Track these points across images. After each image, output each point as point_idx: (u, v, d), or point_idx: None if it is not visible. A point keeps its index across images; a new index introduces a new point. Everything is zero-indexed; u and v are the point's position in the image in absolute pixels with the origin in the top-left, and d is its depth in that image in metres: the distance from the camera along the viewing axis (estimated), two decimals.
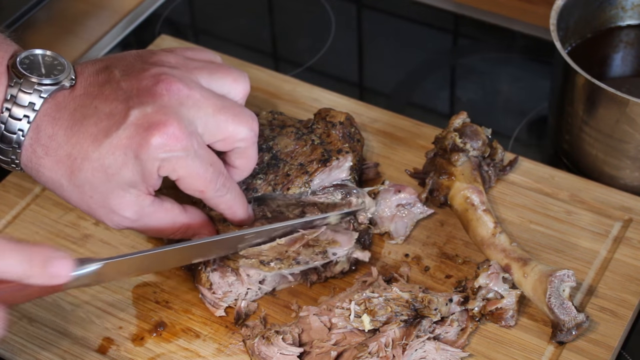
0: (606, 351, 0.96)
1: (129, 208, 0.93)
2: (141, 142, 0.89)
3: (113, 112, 0.91)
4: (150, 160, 0.90)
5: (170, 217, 0.97)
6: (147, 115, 0.90)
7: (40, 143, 0.91)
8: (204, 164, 0.93)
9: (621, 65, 1.23)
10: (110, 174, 0.90)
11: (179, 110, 0.91)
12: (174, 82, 0.92)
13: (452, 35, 1.42)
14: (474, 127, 1.08)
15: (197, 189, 0.95)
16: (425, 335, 0.95)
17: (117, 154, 0.90)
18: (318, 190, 1.05)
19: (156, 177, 0.92)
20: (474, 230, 1.03)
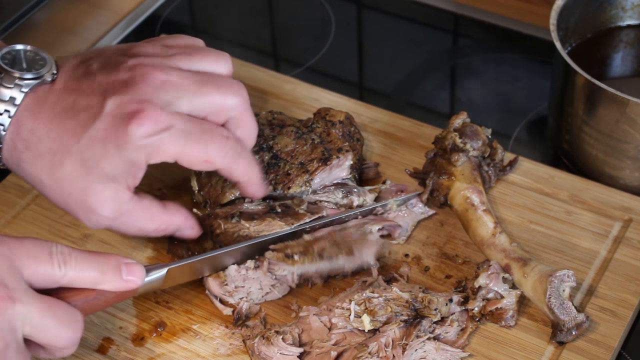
0: (606, 351, 0.96)
1: (107, 205, 0.92)
2: (120, 132, 0.89)
3: (90, 105, 0.90)
4: (135, 150, 0.89)
5: (150, 215, 0.96)
6: (123, 105, 0.89)
7: (21, 137, 0.91)
8: (195, 135, 0.91)
9: (621, 65, 1.23)
10: (90, 167, 0.90)
11: (155, 95, 0.90)
12: (149, 70, 0.91)
13: (452, 35, 1.42)
14: (474, 127, 1.08)
15: (201, 161, 0.93)
16: (425, 336, 0.95)
17: (96, 147, 0.89)
18: (319, 189, 1.05)
19: (144, 166, 0.91)
20: (474, 231, 1.03)
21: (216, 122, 0.94)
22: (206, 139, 0.92)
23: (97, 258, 0.87)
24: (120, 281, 0.87)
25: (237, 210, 1.01)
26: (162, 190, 1.13)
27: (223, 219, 1.00)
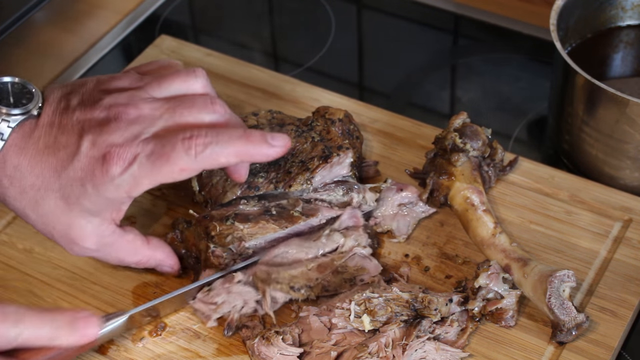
0: (606, 351, 0.96)
1: (90, 238, 0.94)
2: (95, 173, 0.90)
3: (68, 143, 0.92)
4: (112, 189, 0.91)
5: (132, 249, 0.97)
6: (97, 146, 0.91)
7: (6, 174, 0.92)
8: (157, 153, 0.90)
9: (621, 65, 1.23)
10: (71, 203, 0.92)
11: (128, 130, 0.91)
12: (122, 109, 0.92)
13: (452, 35, 1.42)
14: (474, 127, 1.08)
15: (177, 172, 0.91)
16: (425, 336, 0.95)
17: (74, 185, 0.91)
18: (319, 186, 1.05)
19: (128, 200, 0.93)
20: (474, 231, 1.03)
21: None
22: (168, 151, 0.90)
23: (51, 315, 0.86)
24: (76, 336, 0.87)
25: (232, 212, 1.01)
26: (162, 191, 1.13)
27: (218, 221, 1.01)
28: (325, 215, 1.03)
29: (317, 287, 0.99)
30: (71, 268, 1.05)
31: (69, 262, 1.05)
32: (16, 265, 1.05)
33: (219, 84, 1.23)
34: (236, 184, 1.03)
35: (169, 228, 1.08)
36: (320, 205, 1.04)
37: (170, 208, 1.11)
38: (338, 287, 0.99)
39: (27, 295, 1.03)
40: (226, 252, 0.99)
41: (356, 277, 1.00)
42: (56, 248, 1.07)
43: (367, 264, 1.01)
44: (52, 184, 0.92)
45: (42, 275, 1.04)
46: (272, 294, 0.98)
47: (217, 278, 0.98)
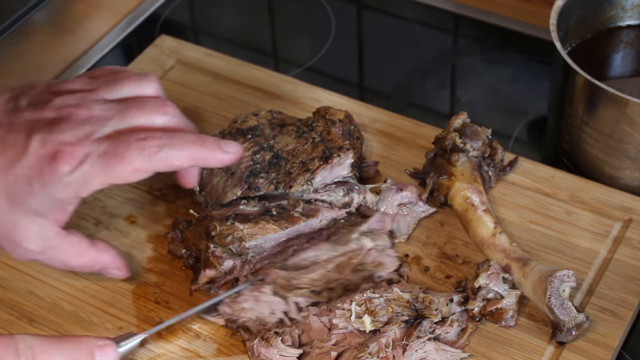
0: (606, 351, 0.96)
1: (33, 240, 0.92)
2: (44, 171, 0.89)
3: (17, 142, 0.90)
4: (61, 188, 0.89)
5: (77, 251, 0.95)
6: (46, 145, 0.89)
7: None
8: (110, 153, 0.89)
9: (621, 65, 1.23)
10: (16, 203, 0.90)
11: (79, 130, 0.90)
12: (73, 109, 0.91)
13: (452, 35, 1.42)
14: (474, 127, 1.08)
15: (131, 172, 0.89)
16: (425, 336, 0.95)
17: (20, 184, 0.89)
18: (320, 187, 1.05)
19: (75, 201, 0.91)
20: (474, 231, 1.03)
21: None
22: (122, 151, 0.89)
23: (68, 345, 0.85)
24: None
25: (233, 212, 1.01)
26: (162, 190, 1.13)
27: (218, 221, 1.00)
28: (325, 216, 1.03)
29: (339, 288, 0.98)
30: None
31: None
32: (16, 265, 1.05)
33: (219, 84, 1.23)
34: (237, 184, 1.03)
35: (169, 228, 1.08)
36: (321, 205, 1.04)
37: (170, 208, 1.11)
38: (358, 285, 0.99)
39: (27, 295, 1.03)
40: (226, 253, 0.99)
41: (374, 274, 1.00)
42: None
43: (385, 259, 1.01)
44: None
45: (42, 275, 1.04)
46: (295, 300, 0.97)
47: (226, 296, 0.98)
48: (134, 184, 1.13)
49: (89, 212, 1.10)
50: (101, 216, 1.10)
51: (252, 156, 1.05)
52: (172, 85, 1.24)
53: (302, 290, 0.97)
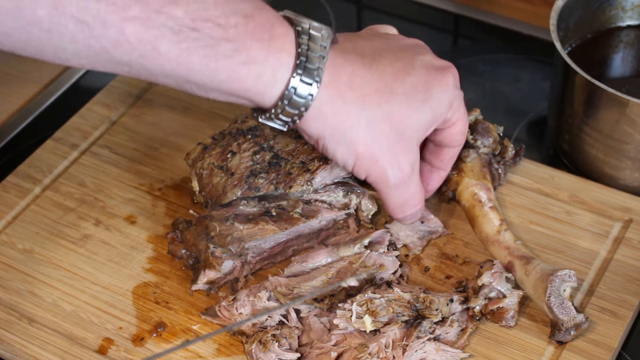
0: (606, 351, 0.96)
1: (410, 155, 0.94)
2: (440, 78, 0.94)
3: (401, 58, 0.94)
4: (448, 98, 0.94)
5: (420, 190, 0.99)
6: (432, 60, 0.96)
7: (341, 79, 0.90)
8: (464, 107, 0.99)
9: (621, 65, 1.23)
10: (412, 109, 0.92)
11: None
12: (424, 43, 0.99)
13: (452, 35, 1.42)
14: (486, 124, 1.08)
15: (464, 130, 1.00)
16: (425, 336, 0.95)
17: (420, 89, 0.93)
18: (320, 188, 1.05)
19: (443, 117, 0.96)
20: (479, 227, 1.03)
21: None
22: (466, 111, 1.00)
23: None
24: None
25: (232, 212, 1.01)
26: (162, 190, 1.13)
27: (218, 222, 1.00)
28: (325, 217, 1.03)
29: (341, 293, 0.98)
30: (71, 268, 1.05)
31: (69, 262, 1.05)
32: (16, 265, 1.05)
33: None
34: (237, 184, 1.03)
35: (169, 228, 1.08)
36: (321, 206, 1.04)
37: (170, 208, 1.11)
38: (360, 288, 0.99)
39: (27, 295, 1.03)
40: (226, 253, 0.99)
41: (376, 277, 1.00)
42: (56, 248, 1.07)
43: (385, 261, 1.01)
44: (397, 89, 0.92)
45: (42, 276, 1.04)
46: (296, 307, 0.97)
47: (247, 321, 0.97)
48: (134, 184, 1.13)
49: (89, 212, 1.10)
50: (101, 216, 1.10)
51: (252, 156, 1.05)
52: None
53: (304, 298, 0.97)
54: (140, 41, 0.81)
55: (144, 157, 1.17)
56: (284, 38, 0.88)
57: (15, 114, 1.27)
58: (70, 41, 0.80)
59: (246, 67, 0.86)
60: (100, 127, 1.20)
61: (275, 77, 0.87)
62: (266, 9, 0.88)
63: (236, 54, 0.85)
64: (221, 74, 0.85)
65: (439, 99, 0.94)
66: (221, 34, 0.83)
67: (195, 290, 1.01)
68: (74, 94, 1.31)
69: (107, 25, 0.79)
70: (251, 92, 0.88)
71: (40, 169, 1.15)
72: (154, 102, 1.23)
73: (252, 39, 0.85)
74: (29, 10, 0.78)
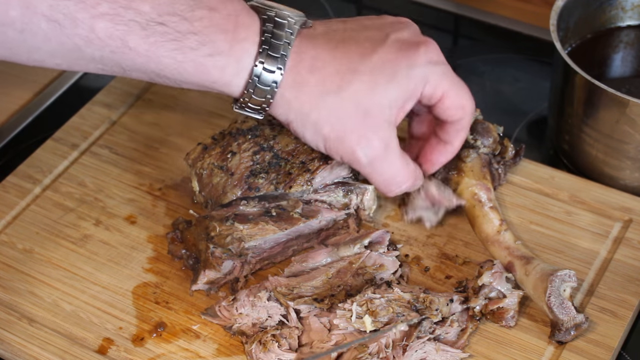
0: (606, 352, 0.96)
1: (381, 132, 0.93)
2: (410, 53, 0.92)
3: (371, 37, 0.93)
4: (420, 73, 0.92)
5: (405, 169, 0.97)
6: (406, 37, 0.94)
7: (304, 65, 0.91)
8: (456, 79, 0.97)
9: (621, 65, 1.23)
10: (378, 87, 0.92)
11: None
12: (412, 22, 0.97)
13: (452, 35, 1.42)
14: (486, 125, 1.08)
15: (460, 105, 0.96)
16: (425, 336, 0.95)
17: (386, 66, 0.92)
18: (320, 188, 1.05)
19: (415, 98, 0.94)
20: (479, 227, 1.03)
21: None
22: (462, 85, 0.97)
23: None
24: None
25: (232, 212, 1.01)
26: (162, 190, 1.13)
27: (218, 222, 1.00)
28: (325, 217, 1.03)
29: (341, 294, 0.98)
30: (71, 268, 1.05)
31: (69, 262, 1.05)
32: (16, 265, 1.05)
33: None
34: (236, 184, 1.03)
35: (169, 228, 1.08)
36: (321, 206, 1.04)
37: (170, 208, 1.11)
38: (360, 289, 0.99)
39: (27, 295, 1.03)
40: (226, 253, 0.99)
41: (376, 276, 1.00)
42: (56, 248, 1.07)
43: (385, 261, 1.01)
44: (360, 67, 0.91)
45: (42, 276, 1.04)
46: (296, 307, 0.97)
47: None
48: (134, 184, 1.13)
49: (89, 212, 1.10)
50: (101, 216, 1.10)
51: (252, 156, 1.05)
52: None
53: (304, 298, 0.97)
54: (110, 37, 0.82)
55: (144, 157, 1.17)
56: (249, 27, 0.88)
57: (15, 114, 1.27)
58: (43, 40, 0.81)
59: (211, 58, 0.87)
60: (100, 127, 1.20)
61: (239, 67, 0.88)
62: (232, 1, 0.88)
63: (201, 47, 0.86)
64: (188, 67, 0.86)
65: (407, 75, 0.93)
66: (187, 27, 0.85)
67: (195, 290, 1.01)
68: (74, 94, 1.31)
69: (78, 23, 0.81)
70: (219, 83, 0.89)
71: (40, 169, 1.15)
72: (154, 102, 1.23)
73: (216, 31, 0.86)
74: (1, 11, 0.79)
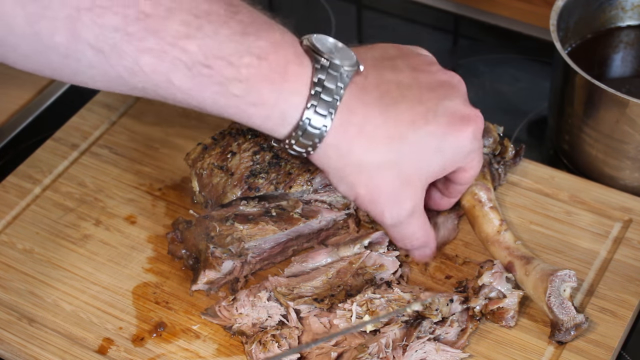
0: (606, 352, 0.96)
1: (414, 198, 0.93)
2: (459, 129, 0.91)
3: (423, 100, 0.90)
4: (465, 151, 0.92)
5: (423, 228, 0.97)
6: (458, 107, 0.92)
7: (352, 123, 0.88)
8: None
9: (621, 65, 1.23)
10: (423, 159, 0.91)
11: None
12: (458, 77, 0.95)
13: (452, 35, 1.42)
14: (486, 125, 1.08)
15: (473, 176, 0.98)
16: (425, 336, 0.95)
17: (435, 139, 0.90)
18: (320, 188, 1.05)
19: (458, 166, 0.94)
20: (479, 227, 1.03)
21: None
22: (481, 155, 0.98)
23: None
24: None
25: (232, 213, 1.01)
26: (162, 190, 1.13)
27: (218, 222, 1.00)
28: (325, 217, 1.03)
29: (341, 294, 0.98)
30: (71, 268, 1.05)
31: (69, 262, 1.05)
32: (16, 265, 1.05)
33: None
34: (236, 184, 1.03)
35: (169, 228, 1.08)
36: (321, 206, 1.04)
37: (170, 208, 1.11)
38: (360, 289, 0.99)
39: (27, 296, 1.03)
40: (226, 253, 0.99)
41: (376, 277, 1.00)
42: (56, 248, 1.07)
43: (385, 261, 1.01)
44: (409, 136, 0.89)
45: (42, 276, 1.04)
46: (296, 307, 0.97)
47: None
48: (134, 184, 1.13)
49: (89, 212, 1.10)
50: (101, 216, 1.10)
51: (252, 156, 1.05)
52: None
53: (304, 298, 0.97)
54: (155, 72, 0.82)
55: (144, 157, 1.17)
56: (298, 79, 0.86)
57: (15, 114, 1.27)
58: (87, 67, 0.81)
59: (255, 107, 0.86)
60: (100, 127, 1.20)
61: (283, 119, 0.87)
62: (283, 47, 0.86)
63: (246, 95, 0.85)
64: (230, 110, 0.86)
65: (454, 150, 0.92)
66: (233, 73, 0.83)
67: (195, 290, 1.01)
68: (74, 94, 1.31)
69: (123, 55, 0.80)
70: (262, 127, 0.88)
71: (40, 169, 1.15)
72: (154, 102, 1.23)
73: (263, 81, 0.85)
74: (46, 36, 0.79)
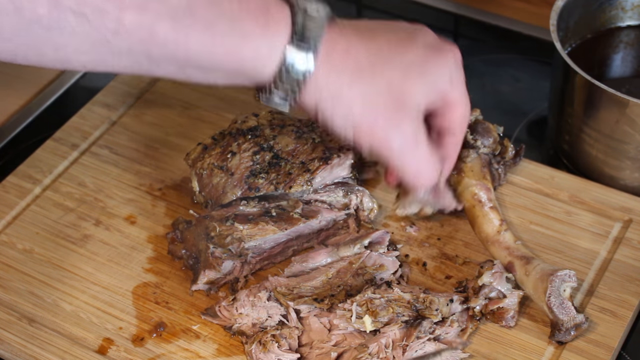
0: (606, 352, 0.96)
1: (412, 122, 0.92)
2: (439, 56, 0.93)
3: (400, 37, 0.93)
4: (446, 72, 0.93)
5: (426, 159, 0.95)
6: (433, 42, 0.94)
7: (337, 53, 0.90)
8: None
9: (621, 65, 1.23)
10: (410, 79, 0.91)
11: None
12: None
13: (452, 35, 1.42)
14: (486, 125, 1.08)
15: (466, 115, 0.98)
16: (425, 336, 0.95)
17: (418, 63, 0.92)
18: (320, 188, 1.05)
19: (444, 91, 0.94)
20: (479, 227, 1.03)
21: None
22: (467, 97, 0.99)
23: None
24: None
25: (232, 213, 1.01)
26: (162, 190, 1.13)
27: (218, 222, 1.00)
28: (325, 217, 1.03)
29: (341, 294, 0.98)
30: (71, 268, 1.05)
31: (69, 262, 1.06)
32: (16, 265, 1.05)
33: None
34: (236, 184, 1.03)
35: (169, 228, 1.08)
36: (321, 206, 1.04)
37: (170, 208, 1.11)
38: (360, 289, 0.99)
39: (27, 296, 1.03)
40: (225, 253, 0.99)
41: (376, 277, 1.00)
42: (56, 248, 1.07)
43: (385, 261, 1.01)
44: (393, 59, 0.91)
45: (42, 276, 1.04)
46: (296, 307, 0.97)
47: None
48: (134, 184, 1.13)
49: (89, 212, 1.10)
50: (101, 216, 1.10)
51: (252, 156, 1.05)
52: (173, 84, 1.24)
53: (304, 298, 0.97)
54: (138, 27, 0.82)
55: (144, 157, 1.17)
56: (280, 16, 0.88)
57: (15, 114, 1.27)
58: (70, 35, 0.81)
59: (243, 40, 0.86)
60: (100, 127, 1.20)
61: (271, 51, 0.88)
62: None
63: (232, 31, 0.85)
64: (219, 50, 0.86)
65: (437, 73, 0.93)
66: (217, 13, 0.84)
67: (195, 290, 1.01)
68: (74, 94, 1.31)
69: (105, 15, 0.80)
70: (250, 66, 0.88)
71: (40, 169, 1.15)
72: (154, 102, 1.23)
73: (248, 17, 0.86)
74: (29, 10, 0.79)
